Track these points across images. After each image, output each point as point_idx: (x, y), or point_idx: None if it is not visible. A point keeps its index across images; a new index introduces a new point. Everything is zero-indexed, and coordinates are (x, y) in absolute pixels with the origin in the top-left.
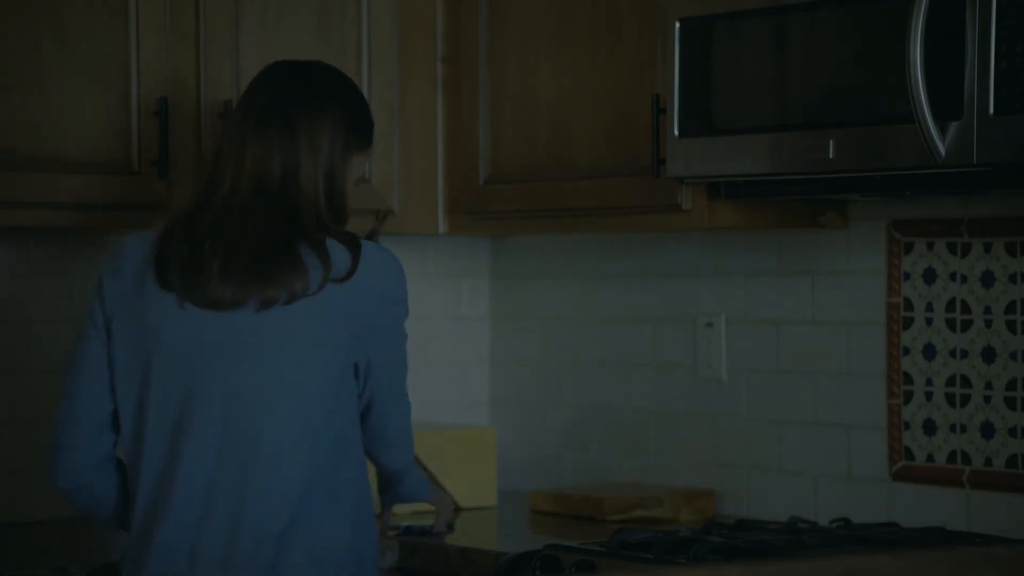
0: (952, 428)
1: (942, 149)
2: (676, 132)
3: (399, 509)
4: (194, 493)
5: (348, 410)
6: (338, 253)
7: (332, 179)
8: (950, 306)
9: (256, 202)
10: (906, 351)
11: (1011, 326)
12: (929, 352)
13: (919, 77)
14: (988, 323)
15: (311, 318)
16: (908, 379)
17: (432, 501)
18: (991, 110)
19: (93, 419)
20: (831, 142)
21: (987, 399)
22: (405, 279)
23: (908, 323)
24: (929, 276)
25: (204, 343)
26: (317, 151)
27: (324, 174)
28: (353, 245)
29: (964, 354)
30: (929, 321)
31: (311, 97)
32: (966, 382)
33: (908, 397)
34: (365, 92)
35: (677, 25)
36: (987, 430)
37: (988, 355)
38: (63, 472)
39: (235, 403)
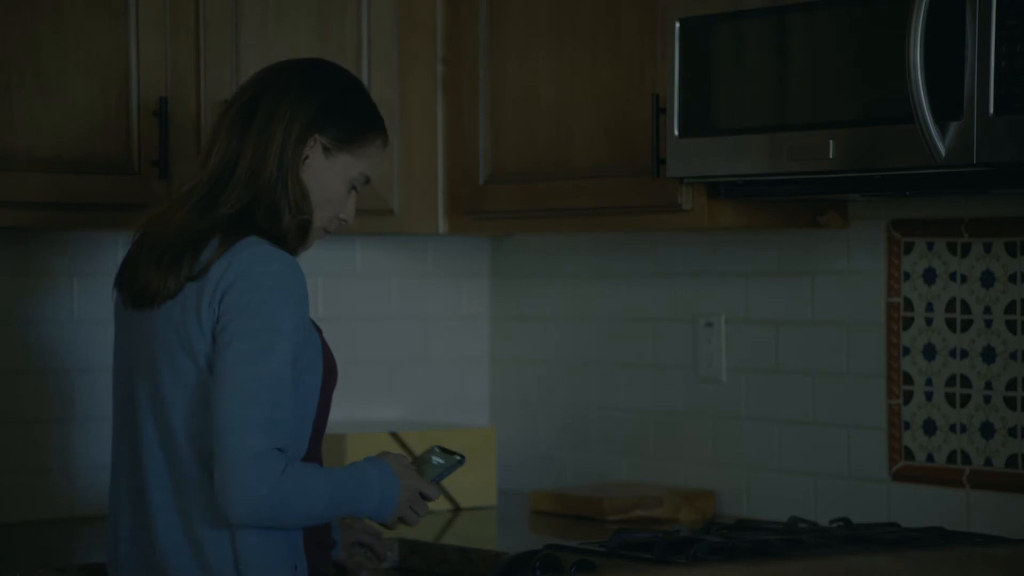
0: (952, 428)
1: (942, 149)
2: (676, 132)
3: None
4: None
5: None
6: (211, 249)
7: (275, 172)
8: (950, 306)
9: (199, 195)
10: (906, 351)
11: (1011, 326)
12: (929, 352)
13: (919, 77)
14: (988, 323)
15: (176, 320)
16: (908, 379)
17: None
18: (991, 110)
19: None
20: (831, 142)
21: (987, 399)
22: (272, 276)
23: (908, 323)
24: (929, 276)
25: (131, 345)
26: (266, 143)
27: (268, 168)
28: (227, 243)
29: (964, 354)
30: (929, 321)
31: (279, 90)
32: (966, 382)
33: (908, 397)
34: None
35: (677, 25)
36: (987, 430)
37: (988, 355)
38: None
39: (158, 405)
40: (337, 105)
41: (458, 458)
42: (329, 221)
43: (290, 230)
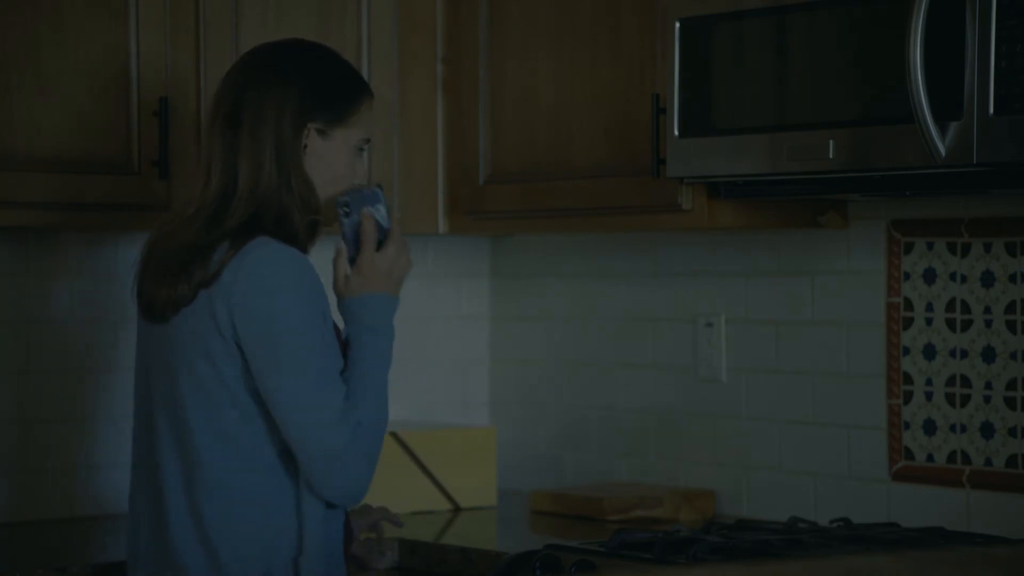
0: (952, 428)
1: (942, 149)
2: (676, 132)
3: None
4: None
5: (250, 416)
6: (219, 255)
7: (275, 178)
8: (950, 306)
9: (206, 214)
10: (906, 351)
11: (1011, 326)
12: (929, 352)
13: (919, 77)
14: (988, 323)
15: (193, 326)
16: (908, 379)
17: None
18: (991, 110)
19: None
20: (831, 142)
21: (987, 399)
22: (283, 276)
23: (908, 323)
24: (929, 276)
25: (149, 354)
26: (259, 151)
27: (268, 175)
28: (237, 246)
29: (964, 354)
30: (929, 321)
31: (258, 89)
32: (966, 382)
33: (908, 397)
34: None
35: (677, 25)
36: (987, 430)
37: (988, 355)
38: None
39: (175, 408)
40: (319, 87)
41: (377, 186)
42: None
43: (300, 229)
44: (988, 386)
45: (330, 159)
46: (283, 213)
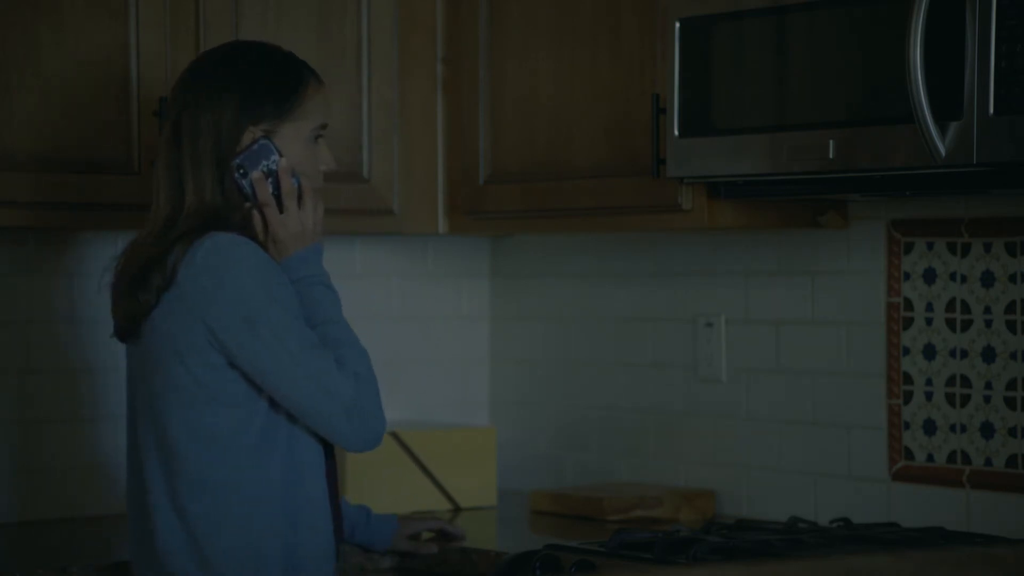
0: (952, 428)
1: (942, 149)
2: (676, 132)
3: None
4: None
5: (228, 411)
6: (173, 257)
7: (218, 194)
8: (950, 306)
9: (156, 228)
10: (906, 351)
11: (1011, 326)
12: (929, 352)
13: (919, 77)
14: (988, 323)
15: (161, 330)
16: (908, 379)
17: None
18: (991, 110)
19: None
20: (831, 142)
21: (987, 399)
22: (235, 261)
23: (908, 323)
24: (929, 276)
25: (131, 367)
26: (199, 166)
27: (210, 191)
28: (187, 243)
29: (964, 354)
30: (929, 321)
31: (193, 103)
32: (966, 382)
33: (908, 397)
34: (365, 92)
35: (677, 25)
36: (987, 430)
37: (988, 355)
38: None
39: (153, 410)
40: (255, 90)
41: (263, 137)
42: (315, 179)
43: (247, 222)
44: (988, 386)
45: (286, 154)
46: (230, 218)
